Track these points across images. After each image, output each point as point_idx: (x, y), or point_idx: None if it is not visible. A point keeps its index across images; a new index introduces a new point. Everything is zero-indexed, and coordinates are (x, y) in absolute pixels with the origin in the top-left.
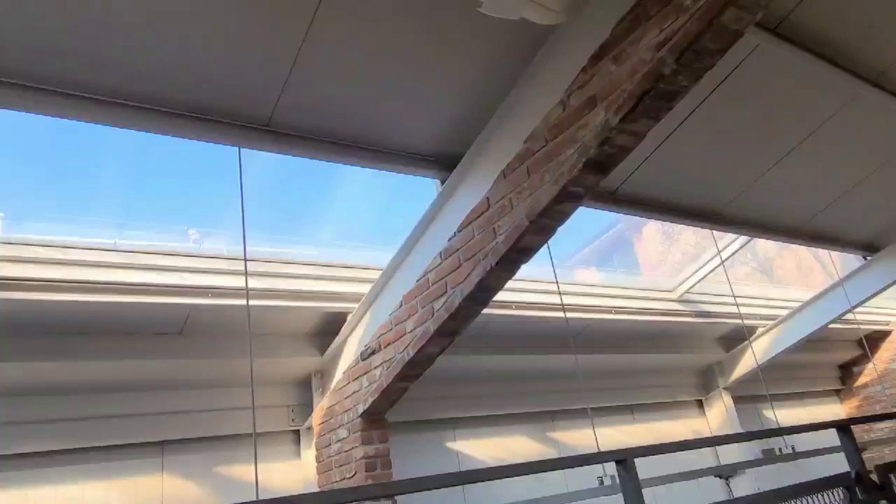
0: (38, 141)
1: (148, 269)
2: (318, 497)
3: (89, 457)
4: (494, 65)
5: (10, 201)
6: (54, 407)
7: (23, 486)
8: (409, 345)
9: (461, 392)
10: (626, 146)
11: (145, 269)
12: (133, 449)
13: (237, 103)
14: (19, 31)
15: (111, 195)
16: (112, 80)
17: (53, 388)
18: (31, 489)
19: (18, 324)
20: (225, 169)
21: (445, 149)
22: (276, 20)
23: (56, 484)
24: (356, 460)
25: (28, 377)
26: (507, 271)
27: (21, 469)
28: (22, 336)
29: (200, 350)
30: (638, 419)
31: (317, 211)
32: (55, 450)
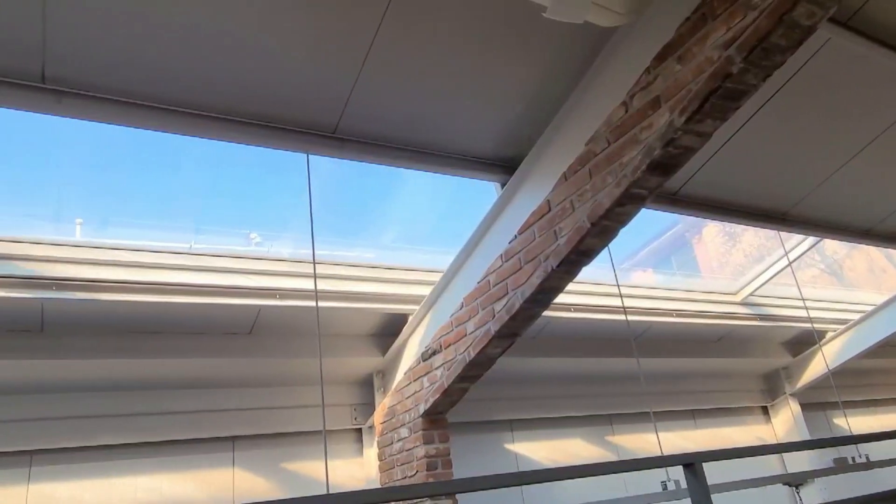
0: (121, 151)
1: (220, 271)
2: (384, 493)
3: (166, 450)
4: (554, 68)
5: (94, 208)
6: (134, 402)
7: (107, 475)
8: (469, 346)
9: (519, 394)
10: (692, 147)
11: (217, 272)
12: (206, 443)
13: (305, 112)
14: (102, 47)
15: (186, 201)
16: (189, 93)
17: (133, 384)
18: (115, 479)
19: (101, 323)
20: (289, 175)
21: (505, 152)
22: (342, 33)
23: (136, 475)
24: (417, 459)
25: (110, 374)
26: (568, 273)
27: (105, 460)
28: (104, 335)
29: (268, 349)
30: (700, 424)
31: (378, 214)
32: (135, 442)
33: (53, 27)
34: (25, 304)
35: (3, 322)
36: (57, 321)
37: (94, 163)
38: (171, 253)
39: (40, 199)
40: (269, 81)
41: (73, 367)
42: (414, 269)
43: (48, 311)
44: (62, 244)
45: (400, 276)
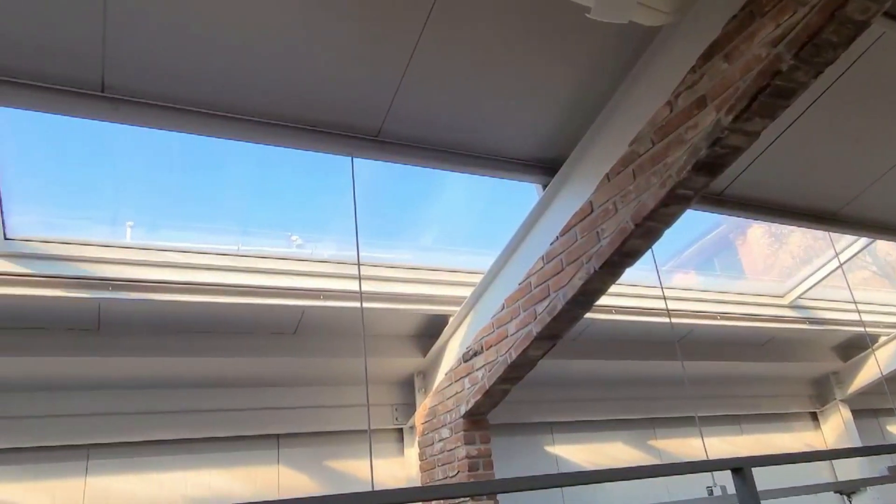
0: (170, 155)
1: (266, 272)
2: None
3: (214, 446)
4: (597, 68)
5: (146, 211)
6: (185, 399)
7: (159, 470)
8: (511, 347)
9: (560, 396)
10: (739, 146)
11: (263, 273)
12: (252, 441)
13: (350, 116)
14: (158, 57)
15: (233, 203)
16: (238, 98)
17: (184, 382)
18: (166, 474)
19: (154, 322)
20: (330, 177)
21: (547, 154)
22: (386, 39)
23: (186, 470)
24: (459, 460)
25: (162, 371)
26: (610, 275)
27: (157, 455)
28: (157, 334)
29: (312, 349)
30: (745, 430)
31: (418, 216)
32: (185, 438)
33: (113, 40)
34: (83, 304)
35: (62, 321)
36: (113, 320)
37: (145, 167)
38: (218, 254)
39: (95, 202)
40: (315, 87)
41: (128, 364)
42: (454, 271)
43: (105, 311)
44: (117, 246)
45: (440, 277)
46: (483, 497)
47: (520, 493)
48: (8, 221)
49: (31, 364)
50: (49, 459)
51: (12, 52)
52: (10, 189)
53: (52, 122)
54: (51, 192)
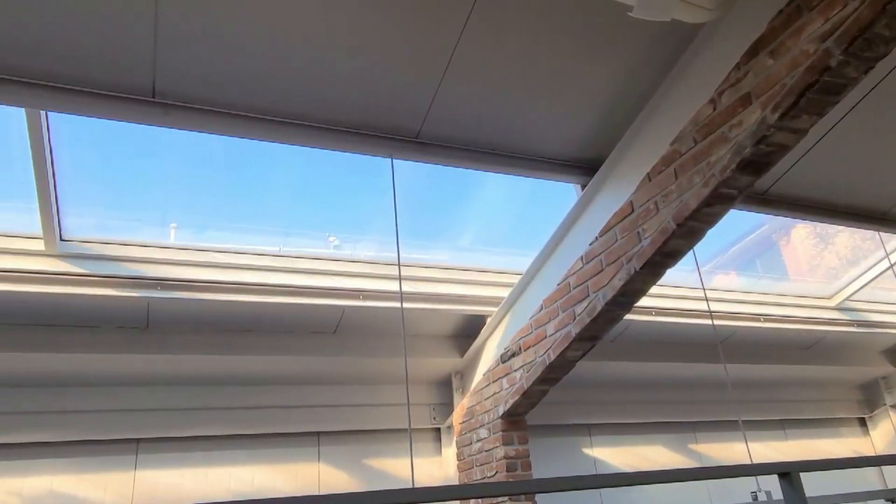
0: (216, 158)
1: (307, 273)
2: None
3: (257, 443)
4: (637, 67)
5: (193, 212)
6: (229, 396)
7: (205, 465)
8: (549, 348)
9: (598, 398)
10: (785, 144)
11: (304, 273)
12: (293, 438)
13: (390, 118)
14: (207, 63)
15: (275, 205)
16: (282, 103)
17: (228, 379)
18: (212, 468)
19: (200, 321)
20: (369, 179)
21: (586, 154)
22: (426, 41)
23: (230, 465)
24: (497, 460)
25: (208, 369)
26: (651, 275)
27: (204, 450)
28: (202, 332)
29: (352, 348)
30: (790, 435)
31: (455, 217)
32: (230, 434)
33: (163, 48)
34: (133, 303)
35: (112, 319)
36: (161, 319)
37: (192, 169)
38: (261, 255)
39: (144, 203)
40: (356, 90)
41: (175, 361)
42: (492, 271)
43: (153, 310)
44: (165, 247)
45: (478, 277)
46: (521, 497)
47: (558, 495)
48: (64, 223)
49: (84, 360)
50: (100, 453)
51: (68, 60)
52: (66, 192)
53: (104, 126)
54: (103, 194)
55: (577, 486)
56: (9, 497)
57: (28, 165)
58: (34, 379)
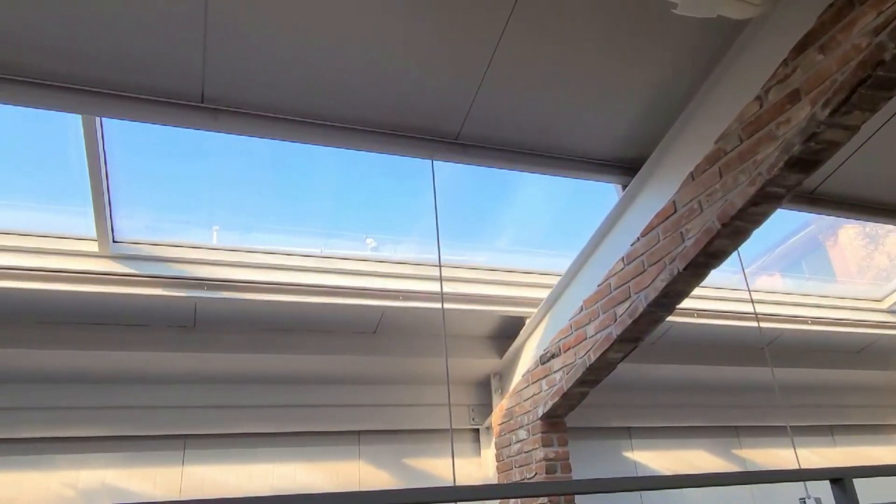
0: (261, 161)
1: (347, 273)
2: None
3: (299, 440)
4: (680, 65)
5: (239, 214)
6: (273, 394)
7: (249, 461)
8: (589, 350)
9: (638, 401)
10: (836, 141)
11: (345, 274)
12: (334, 436)
13: (430, 120)
14: (254, 68)
15: (318, 207)
16: (326, 106)
17: (271, 378)
18: (256, 465)
19: (244, 320)
20: (408, 180)
21: (627, 153)
22: (466, 42)
23: (273, 462)
24: (536, 461)
25: (252, 367)
26: (695, 276)
27: (248, 447)
28: (247, 331)
29: (392, 349)
30: (839, 442)
31: (494, 218)
32: (273, 432)
33: (212, 55)
34: (181, 303)
35: (161, 318)
36: (207, 318)
37: (238, 172)
38: (304, 256)
39: (192, 205)
40: (397, 92)
41: (221, 360)
42: (531, 272)
43: (200, 309)
44: (212, 248)
45: (517, 278)
46: (561, 499)
47: (598, 497)
48: (116, 225)
49: (134, 358)
50: (150, 447)
51: (122, 68)
52: (118, 195)
53: (152, 129)
54: (153, 196)
55: (619, 488)
56: (64, 489)
57: (83, 170)
58: (88, 375)
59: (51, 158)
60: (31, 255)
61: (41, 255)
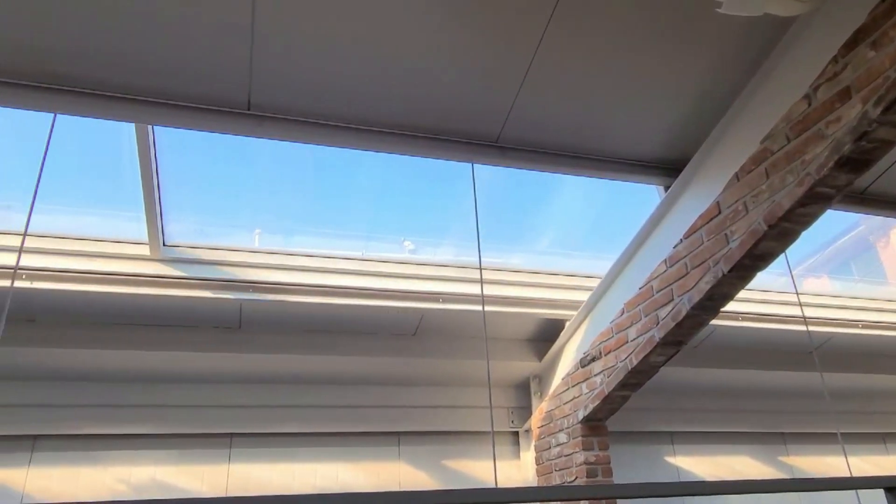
0: (304, 166)
1: (387, 276)
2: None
3: (341, 440)
4: (724, 64)
5: (283, 218)
6: (315, 394)
7: (292, 460)
8: (631, 353)
9: (681, 405)
10: (889, 140)
11: (385, 277)
12: (375, 437)
13: (470, 123)
14: (299, 76)
15: (359, 210)
16: (367, 111)
17: (314, 378)
18: (297, 464)
19: (288, 322)
20: (447, 183)
21: (669, 154)
22: (506, 45)
23: (315, 462)
24: (577, 465)
25: (295, 368)
26: (740, 279)
27: (291, 446)
28: (290, 333)
29: (431, 351)
30: (891, 450)
31: (532, 220)
32: (314, 432)
33: (259, 63)
34: (227, 305)
35: (208, 320)
36: (252, 320)
37: (281, 176)
38: (345, 259)
39: (237, 209)
40: (437, 97)
41: (265, 361)
42: (570, 275)
43: (245, 311)
44: (257, 251)
45: (556, 281)
46: (602, 502)
47: (640, 502)
48: (166, 229)
49: (183, 358)
50: (198, 446)
51: (174, 78)
52: (168, 200)
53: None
54: (200, 201)
55: (662, 493)
56: (118, 484)
57: (136, 177)
58: (138, 374)
59: (106, 166)
60: (87, 259)
61: (96, 259)
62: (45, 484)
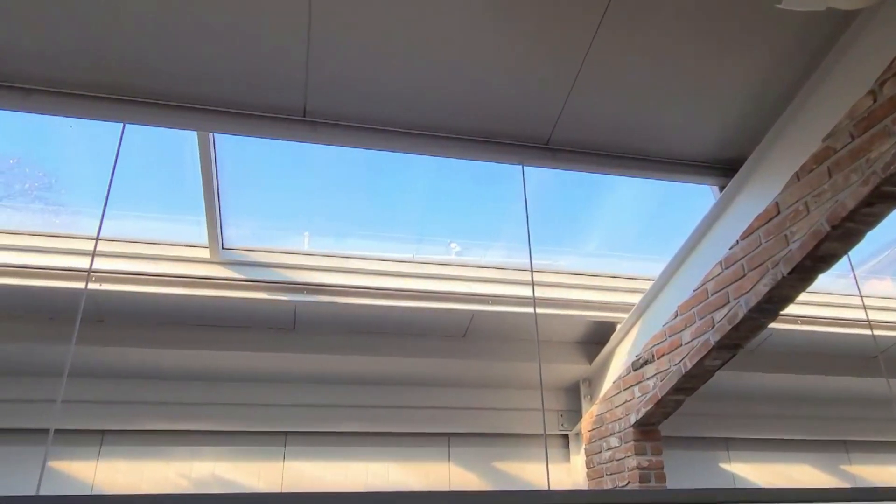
0: (357, 170)
1: (437, 278)
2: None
3: (391, 440)
4: (783, 61)
5: (335, 221)
6: (367, 395)
7: (345, 459)
8: (685, 356)
9: (736, 411)
10: None
11: (436, 279)
12: (425, 438)
13: (520, 126)
14: (354, 82)
15: (409, 212)
16: (419, 115)
17: (366, 379)
18: (349, 463)
19: (340, 323)
20: (496, 185)
21: (724, 154)
22: (557, 47)
23: (367, 461)
24: (629, 470)
25: (348, 368)
26: (801, 281)
27: (344, 445)
28: (342, 334)
29: (481, 353)
30: None
31: (582, 222)
32: (366, 431)
33: (314, 71)
34: (282, 306)
35: (264, 320)
36: (306, 321)
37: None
38: (398, 261)
39: (291, 213)
40: (488, 100)
41: (319, 361)
42: (620, 277)
43: (300, 313)
44: (310, 253)
45: (607, 283)
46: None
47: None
48: (225, 233)
49: (239, 358)
50: (254, 443)
51: (232, 87)
52: (227, 204)
53: (257, 141)
54: (256, 204)
55: (719, 500)
56: (179, 479)
57: (197, 182)
58: (198, 373)
59: (169, 172)
60: (152, 262)
61: (160, 262)
62: (112, 477)
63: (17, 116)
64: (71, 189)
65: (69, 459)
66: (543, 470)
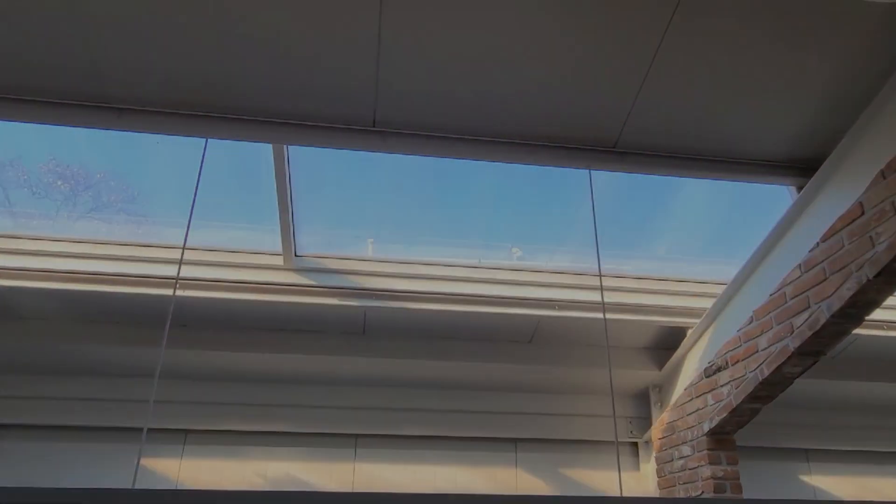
0: (424, 179)
1: (503, 283)
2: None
3: (459, 444)
4: (865, 54)
5: (403, 228)
6: (433, 399)
7: (412, 462)
8: (762, 363)
9: (817, 420)
10: None
11: (501, 284)
12: (492, 443)
13: (587, 130)
14: (421, 93)
15: (475, 218)
16: (486, 122)
17: (432, 383)
18: (418, 465)
19: (408, 328)
20: (561, 189)
21: (802, 153)
22: (624, 49)
23: (435, 464)
24: (703, 479)
25: (415, 372)
26: (888, 284)
27: (413, 448)
28: (410, 338)
29: (547, 358)
30: None
31: (652, 224)
32: (434, 435)
33: (384, 83)
34: (353, 312)
35: (335, 325)
36: (375, 326)
37: (400, 189)
38: (462, 266)
39: (359, 221)
40: (554, 105)
41: (388, 365)
42: (690, 281)
43: (369, 318)
44: (380, 260)
45: (677, 287)
46: None
47: None
48: (298, 240)
49: (312, 361)
50: (326, 444)
51: (305, 100)
52: (300, 212)
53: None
54: (327, 212)
55: None
56: (256, 478)
57: (272, 192)
58: (273, 376)
59: (245, 183)
60: (229, 269)
61: (238, 269)
62: (195, 474)
63: (104, 133)
64: (151, 201)
65: (155, 457)
66: (612, 477)
